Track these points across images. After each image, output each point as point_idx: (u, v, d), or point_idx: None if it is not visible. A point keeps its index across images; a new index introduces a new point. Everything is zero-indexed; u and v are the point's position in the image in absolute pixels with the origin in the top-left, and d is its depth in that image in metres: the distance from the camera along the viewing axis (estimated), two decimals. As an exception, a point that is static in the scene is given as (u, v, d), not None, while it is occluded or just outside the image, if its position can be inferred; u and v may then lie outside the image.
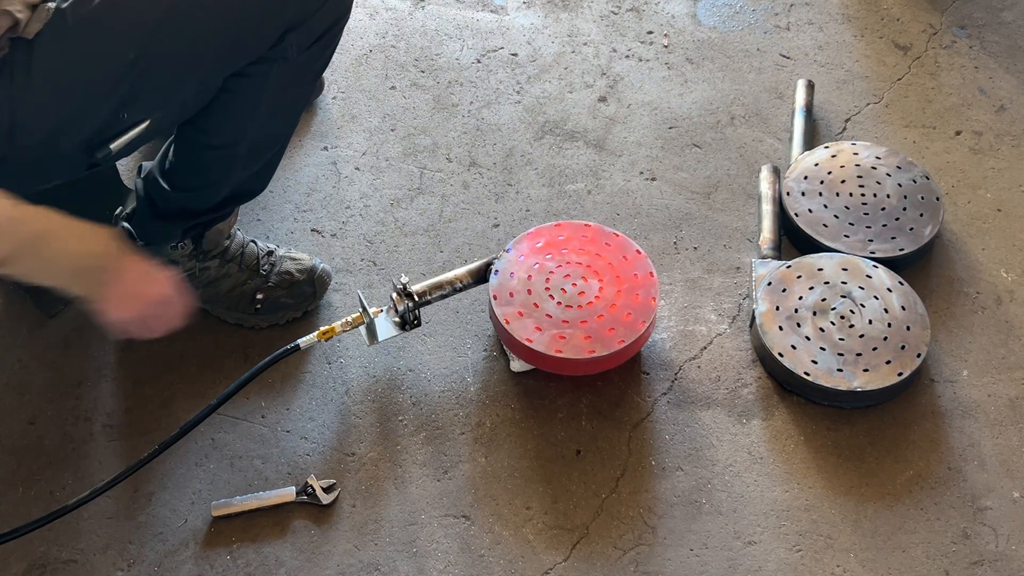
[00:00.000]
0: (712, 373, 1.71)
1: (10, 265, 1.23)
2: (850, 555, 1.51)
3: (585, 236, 1.73)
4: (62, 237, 1.27)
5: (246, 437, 1.64)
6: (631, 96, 2.13)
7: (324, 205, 1.94)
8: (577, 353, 1.59)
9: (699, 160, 2.01)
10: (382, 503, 1.57)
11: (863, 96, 2.11)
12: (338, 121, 2.08)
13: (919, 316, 1.68)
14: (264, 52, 1.41)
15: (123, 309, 1.35)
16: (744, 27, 2.26)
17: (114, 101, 1.33)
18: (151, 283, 1.37)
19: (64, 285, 1.31)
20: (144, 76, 1.33)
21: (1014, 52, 2.18)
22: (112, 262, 1.32)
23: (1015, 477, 1.58)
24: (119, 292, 1.34)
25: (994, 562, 1.50)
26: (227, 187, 1.60)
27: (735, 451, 1.62)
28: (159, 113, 1.39)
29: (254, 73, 1.42)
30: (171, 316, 1.40)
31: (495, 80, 2.16)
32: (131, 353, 1.73)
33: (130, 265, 1.34)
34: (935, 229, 1.81)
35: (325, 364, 1.72)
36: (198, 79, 1.39)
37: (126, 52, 1.31)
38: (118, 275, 1.32)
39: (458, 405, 1.68)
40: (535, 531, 1.54)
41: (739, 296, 1.81)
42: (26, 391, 1.69)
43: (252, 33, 1.37)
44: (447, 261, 1.85)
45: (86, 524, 1.55)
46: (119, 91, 1.33)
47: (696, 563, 1.51)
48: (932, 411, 1.66)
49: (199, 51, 1.35)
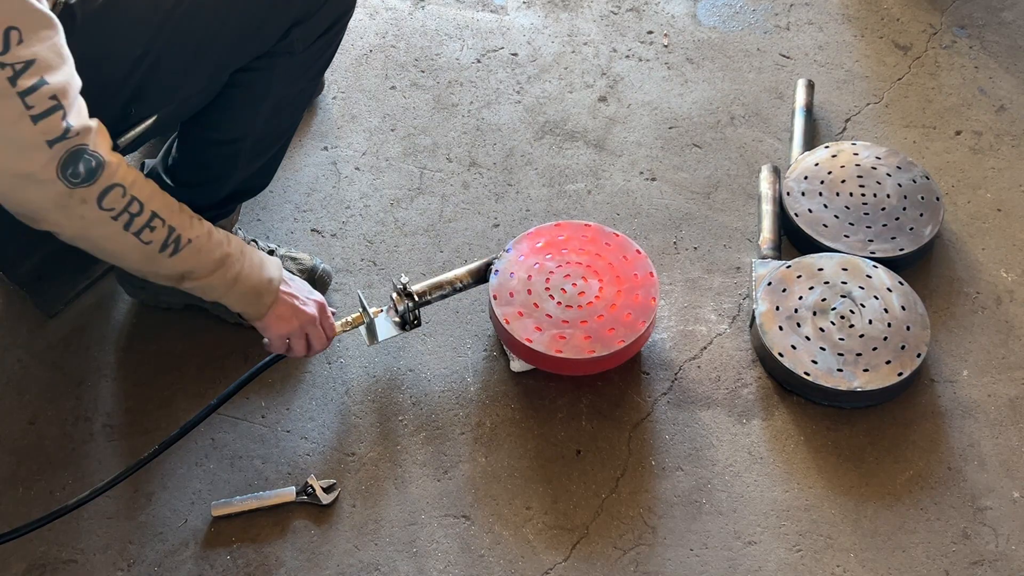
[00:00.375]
0: (712, 373, 1.71)
1: (191, 281, 1.37)
2: (850, 555, 1.51)
3: (585, 236, 1.73)
4: (244, 262, 1.40)
5: (246, 437, 1.64)
6: (631, 96, 2.13)
7: (324, 205, 1.94)
8: (577, 353, 1.59)
9: (699, 160, 2.01)
10: (382, 503, 1.57)
11: (863, 96, 2.11)
12: (338, 121, 2.08)
13: (919, 316, 1.68)
14: (270, 47, 1.41)
15: (279, 328, 1.49)
16: (744, 27, 2.26)
17: (122, 96, 1.34)
18: (302, 310, 1.50)
19: (231, 304, 1.44)
20: (152, 71, 1.33)
21: (1014, 52, 2.18)
22: (278, 291, 1.46)
23: (1015, 477, 1.58)
24: (277, 314, 1.48)
25: (994, 562, 1.50)
26: (231, 183, 1.60)
27: (735, 451, 1.62)
28: (166, 108, 1.40)
29: (260, 68, 1.43)
30: (318, 337, 1.54)
31: (495, 80, 2.16)
32: (131, 353, 1.73)
33: (289, 292, 1.48)
34: (935, 229, 1.81)
35: (325, 364, 1.72)
36: (206, 74, 1.39)
37: (135, 47, 1.31)
38: (279, 300, 1.46)
39: (458, 405, 1.68)
40: (535, 531, 1.54)
41: (739, 296, 1.81)
42: (26, 391, 1.69)
43: (259, 28, 1.38)
44: (447, 261, 1.85)
45: (86, 524, 1.55)
46: (127, 86, 1.33)
47: (696, 563, 1.51)
48: (932, 411, 1.66)
49: (207, 46, 1.36)
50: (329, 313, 1.57)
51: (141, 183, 1.27)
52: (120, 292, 1.78)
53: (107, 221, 1.25)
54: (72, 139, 1.16)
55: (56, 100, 1.12)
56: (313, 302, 1.53)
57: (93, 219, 1.24)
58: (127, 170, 1.25)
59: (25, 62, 1.07)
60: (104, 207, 1.23)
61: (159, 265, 1.34)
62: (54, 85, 1.12)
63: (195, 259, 1.36)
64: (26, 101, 1.09)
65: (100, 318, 1.77)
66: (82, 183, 1.19)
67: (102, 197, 1.22)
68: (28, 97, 1.09)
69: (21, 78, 1.08)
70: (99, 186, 1.21)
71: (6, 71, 1.07)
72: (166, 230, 1.30)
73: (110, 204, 1.23)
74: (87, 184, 1.20)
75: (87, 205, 1.22)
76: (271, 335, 1.52)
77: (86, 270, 1.79)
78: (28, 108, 1.09)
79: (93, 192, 1.21)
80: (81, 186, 1.19)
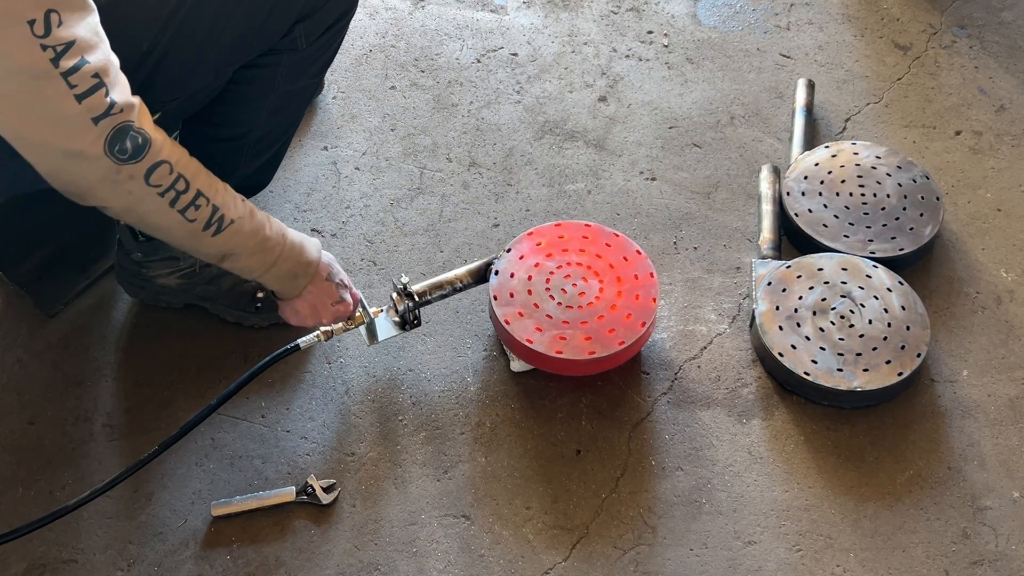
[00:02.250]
0: (712, 373, 1.71)
1: (231, 261, 1.41)
2: (850, 555, 1.51)
3: (585, 236, 1.73)
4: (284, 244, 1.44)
5: (246, 437, 1.64)
6: (631, 96, 2.13)
7: (324, 205, 1.94)
8: (577, 354, 1.59)
9: (699, 160, 2.01)
10: (382, 503, 1.57)
11: (863, 96, 2.11)
12: (338, 121, 2.08)
13: (919, 316, 1.68)
14: (275, 43, 1.41)
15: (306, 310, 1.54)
16: (744, 27, 2.26)
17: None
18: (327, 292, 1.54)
19: (268, 283, 1.48)
20: (158, 67, 1.33)
21: (1014, 52, 2.18)
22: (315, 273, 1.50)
23: (1015, 477, 1.59)
24: (310, 297, 1.53)
25: (994, 562, 1.50)
26: (232, 181, 1.60)
27: (735, 451, 1.62)
28: (170, 105, 1.40)
29: (264, 64, 1.43)
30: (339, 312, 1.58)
31: (495, 80, 2.16)
32: (131, 353, 1.73)
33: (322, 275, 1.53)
34: (935, 229, 1.81)
35: (325, 364, 1.72)
36: (210, 70, 1.39)
37: (140, 44, 1.31)
38: (313, 283, 1.51)
39: (458, 405, 1.68)
40: (535, 531, 1.54)
41: (739, 296, 1.81)
42: (26, 391, 1.69)
43: (264, 24, 1.38)
44: (447, 261, 1.85)
45: (86, 524, 1.55)
46: (133, 82, 1.33)
47: (696, 563, 1.51)
48: (932, 411, 1.66)
49: (212, 42, 1.36)
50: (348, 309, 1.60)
51: (187, 160, 1.30)
52: (120, 292, 1.78)
53: (154, 197, 1.27)
54: (116, 115, 1.18)
55: (98, 78, 1.15)
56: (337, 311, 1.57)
57: (141, 195, 1.26)
58: (173, 147, 1.27)
59: (66, 43, 1.10)
60: (152, 183, 1.25)
61: (202, 243, 1.36)
62: (95, 64, 1.14)
63: (237, 239, 1.38)
64: (69, 81, 1.11)
65: (100, 318, 1.77)
66: (130, 159, 1.22)
67: (149, 173, 1.24)
68: (71, 77, 1.11)
69: (63, 59, 1.10)
70: (146, 162, 1.23)
71: (48, 52, 1.09)
72: (210, 209, 1.33)
73: (157, 180, 1.25)
74: (135, 161, 1.22)
75: (135, 181, 1.24)
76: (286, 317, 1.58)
77: (86, 270, 1.80)
78: (72, 87, 1.12)
79: (141, 168, 1.23)
80: (129, 163, 1.22)
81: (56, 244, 1.74)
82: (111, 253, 1.77)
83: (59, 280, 1.77)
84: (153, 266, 1.67)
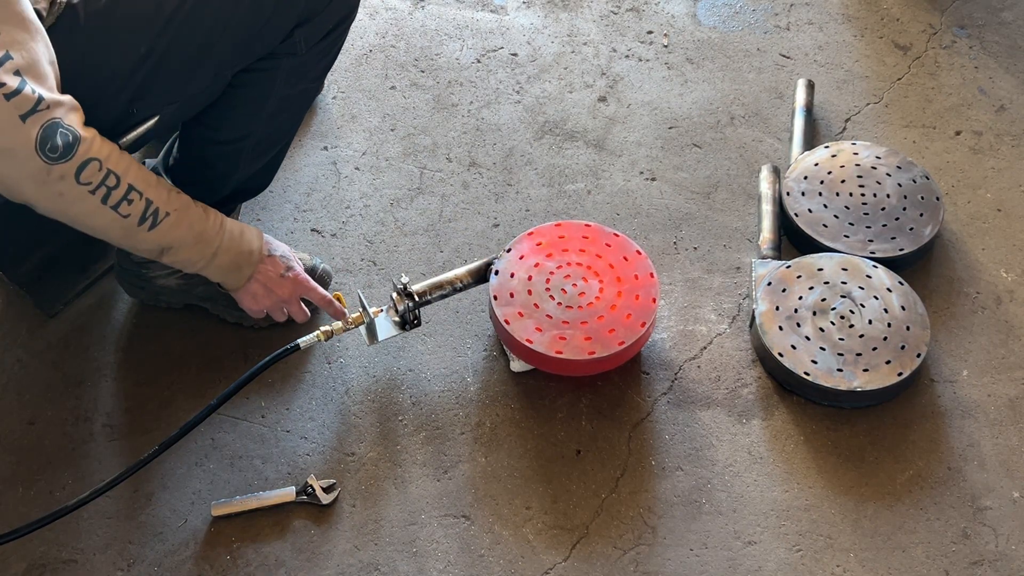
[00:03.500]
0: (712, 373, 1.71)
1: (170, 255, 1.42)
2: (850, 555, 1.51)
3: (585, 236, 1.73)
4: (223, 236, 1.45)
5: (246, 437, 1.64)
6: (631, 96, 2.13)
7: (324, 205, 1.94)
8: (577, 354, 1.59)
9: (699, 160, 2.01)
10: (382, 503, 1.57)
11: (863, 96, 2.11)
12: (338, 121, 2.08)
13: (919, 316, 1.68)
14: (273, 47, 1.41)
15: (255, 302, 1.57)
16: (744, 27, 2.26)
17: (125, 96, 1.34)
18: (281, 285, 1.57)
19: (210, 276, 1.50)
20: (155, 71, 1.33)
21: (1014, 52, 2.18)
22: (258, 262, 1.52)
23: (1015, 477, 1.59)
24: (255, 288, 1.55)
25: (994, 562, 1.50)
26: (232, 183, 1.60)
27: (735, 451, 1.62)
28: (169, 108, 1.40)
29: (263, 68, 1.43)
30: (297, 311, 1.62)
31: (495, 80, 2.16)
32: (131, 353, 1.73)
33: (268, 266, 1.54)
34: (935, 229, 1.81)
35: (325, 364, 1.72)
36: (209, 74, 1.39)
37: (138, 47, 1.31)
38: (258, 274, 1.53)
39: (458, 405, 1.68)
40: (535, 531, 1.54)
41: (739, 296, 1.81)
42: (26, 391, 1.69)
43: (263, 29, 1.38)
44: (447, 261, 1.85)
45: (86, 524, 1.55)
46: (130, 86, 1.33)
47: (696, 563, 1.51)
48: (932, 411, 1.66)
49: (211, 46, 1.36)
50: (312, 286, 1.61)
51: (117, 156, 1.30)
52: (120, 292, 1.78)
53: (85, 195, 1.28)
54: (43, 111, 1.19)
55: (20, 76, 1.16)
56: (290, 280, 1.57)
57: (72, 195, 1.27)
58: (102, 143, 1.28)
59: None
60: (82, 181, 1.26)
61: (138, 238, 1.37)
62: (18, 61, 1.15)
63: (175, 232, 1.39)
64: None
65: (100, 318, 1.77)
66: (60, 158, 1.22)
67: (80, 171, 1.25)
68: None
69: None
70: (76, 160, 1.24)
71: None
72: (143, 203, 1.33)
73: (87, 178, 1.26)
74: (65, 159, 1.23)
75: (65, 181, 1.25)
76: (246, 307, 1.59)
77: (86, 270, 1.80)
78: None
79: (71, 167, 1.24)
80: (59, 162, 1.23)
81: (56, 244, 1.74)
82: (111, 253, 1.77)
83: (59, 280, 1.76)
84: (153, 267, 1.66)
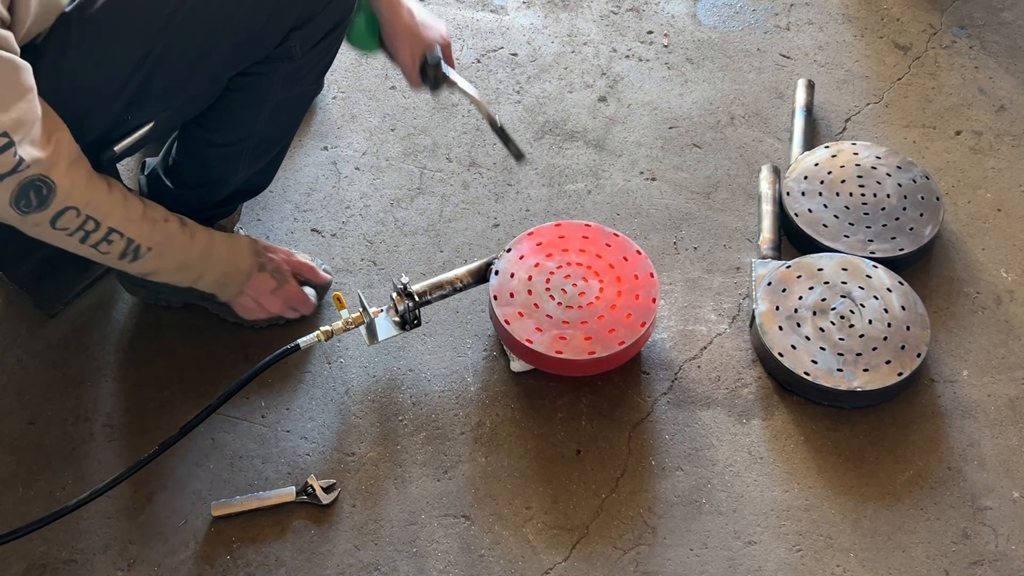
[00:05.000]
0: (712, 373, 1.71)
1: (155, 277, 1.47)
2: (850, 555, 1.51)
3: (585, 236, 1.73)
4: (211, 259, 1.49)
5: (246, 437, 1.64)
6: (631, 96, 2.13)
7: (324, 205, 1.94)
8: (577, 354, 1.59)
9: (699, 160, 2.01)
10: (382, 503, 1.57)
11: (863, 96, 2.11)
12: (338, 121, 2.08)
13: (919, 316, 1.68)
14: (269, 52, 1.41)
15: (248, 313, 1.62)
16: (744, 27, 2.26)
17: (120, 103, 1.34)
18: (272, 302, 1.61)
19: (200, 289, 1.53)
20: (150, 78, 1.33)
21: (1014, 52, 2.18)
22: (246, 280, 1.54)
23: (1015, 477, 1.59)
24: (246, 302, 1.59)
25: (994, 562, 1.50)
26: (231, 184, 1.60)
27: (735, 451, 1.62)
28: (164, 114, 1.40)
29: (259, 72, 1.43)
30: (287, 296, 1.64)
31: (495, 80, 2.16)
32: (131, 353, 1.73)
33: (259, 282, 1.58)
34: (935, 229, 1.81)
35: (325, 364, 1.72)
36: (204, 80, 1.39)
37: (132, 54, 1.31)
38: (249, 289, 1.57)
39: (458, 405, 1.68)
40: (535, 531, 1.54)
41: (739, 296, 1.81)
42: (26, 391, 1.69)
43: (258, 33, 1.38)
44: (447, 261, 1.85)
45: (86, 524, 1.55)
46: (125, 93, 1.33)
47: (696, 563, 1.51)
48: (932, 411, 1.66)
49: (205, 52, 1.35)
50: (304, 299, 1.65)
51: (100, 200, 1.32)
52: (120, 292, 1.78)
53: (62, 236, 1.32)
54: (23, 172, 1.21)
55: (7, 137, 1.18)
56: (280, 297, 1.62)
57: (49, 235, 1.32)
58: (85, 189, 1.30)
59: None
60: (58, 227, 1.30)
61: (120, 267, 1.42)
62: (4, 122, 1.17)
63: (156, 263, 1.44)
64: None
65: (100, 318, 1.77)
66: (34, 210, 1.26)
67: (55, 219, 1.29)
68: None
69: None
70: (51, 211, 1.27)
71: None
72: (124, 242, 1.38)
73: (64, 224, 1.30)
74: (39, 211, 1.26)
75: (41, 227, 1.29)
76: (241, 316, 1.63)
77: (86, 270, 1.80)
78: None
79: (45, 217, 1.28)
80: (33, 213, 1.26)
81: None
82: (111, 253, 1.77)
83: (59, 280, 1.76)
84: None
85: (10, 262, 1.70)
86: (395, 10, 1.53)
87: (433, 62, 1.58)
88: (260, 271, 1.57)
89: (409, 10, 1.54)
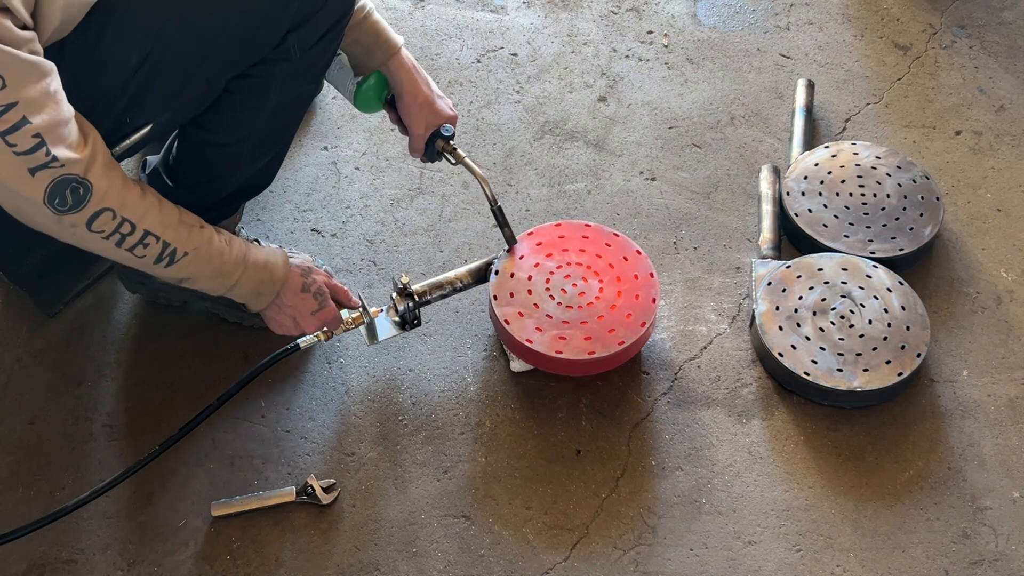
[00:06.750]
0: (712, 373, 1.71)
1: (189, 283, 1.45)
2: (850, 555, 1.51)
3: (585, 236, 1.73)
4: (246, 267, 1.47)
5: (246, 437, 1.64)
6: (631, 96, 2.13)
7: (324, 205, 1.94)
8: (577, 354, 1.59)
9: (699, 160, 2.01)
10: (382, 503, 1.57)
11: (863, 96, 2.11)
12: (338, 121, 2.08)
13: (919, 316, 1.68)
14: (266, 53, 1.40)
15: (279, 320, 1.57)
16: (744, 27, 2.26)
17: (118, 106, 1.34)
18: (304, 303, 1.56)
19: (233, 298, 1.51)
20: (147, 81, 1.33)
21: (1014, 52, 2.18)
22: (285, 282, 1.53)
23: (1015, 477, 1.59)
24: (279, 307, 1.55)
25: (994, 562, 1.50)
26: (232, 184, 1.60)
27: (735, 451, 1.62)
28: (162, 117, 1.40)
29: (257, 74, 1.42)
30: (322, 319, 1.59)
31: (495, 80, 2.16)
32: (131, 353, 1.73)
33: (292, 286, 1.55)
34: (935, 229, 1.81)
35: (325, 364, 1.72)
36: (202, 82, 1.39)
37: (129, 57, 1.31)
38: (283, 294, 1.54)
39: (458, 405, 1.68)
40: (535, 531, 1.54)
41: (739, 296, 1.81)
42: (26, 391, 1.69)
43: (255, 36, 1.37)
44: (447, 261, 1.85)
45: (86, 524, 1.55)
46: (123, 96, 1.33)
47: (696, 563, 1.51)
48: (932, 411, 1.66)
49: (203, 55, 1.35)
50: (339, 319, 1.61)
51: (134, 203, 1.31)
52: (120, 292, 1.78)
53: (98, 240, 1.30)
54: (56, 168, 1.20)
55: (39, 138, 1.17)
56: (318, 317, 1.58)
57: (85, 238, 1.30)
58: (119, 192, 1.29)
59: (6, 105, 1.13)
60: (94, 229, 1.28)
61: (155, 272, 1.40)
62: (37, 124, 1.16)
63: (191, 268, 1.42)
64: (7, 140, 1.14)
65: (100, 318, 1.77)
66: (69, 210, 1.25)
67: (91, 221, 1.27)
68: (9, 136, 1.14)
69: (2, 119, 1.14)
70: (87, 212, 1.26)
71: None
72: (160, 245, 1.36)
73: (100, 227, 1.28)
74: (75, 211, 1.25)
75: (77, 228, 1.27)
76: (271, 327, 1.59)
77: (86, 270, 1.80)
78: (10, 146, 1.15)
79: (81, 218, 1.26)
80: (68, 213, 1.25)
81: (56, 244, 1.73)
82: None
83: (59, 280, 1.76)
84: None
85: (10, 262, 1.70)
86: (414, 81, 1.58)
87: (447, 135, 1.63)
88: (304, 292, 1.56)
89: (427, 81, 1.60)
